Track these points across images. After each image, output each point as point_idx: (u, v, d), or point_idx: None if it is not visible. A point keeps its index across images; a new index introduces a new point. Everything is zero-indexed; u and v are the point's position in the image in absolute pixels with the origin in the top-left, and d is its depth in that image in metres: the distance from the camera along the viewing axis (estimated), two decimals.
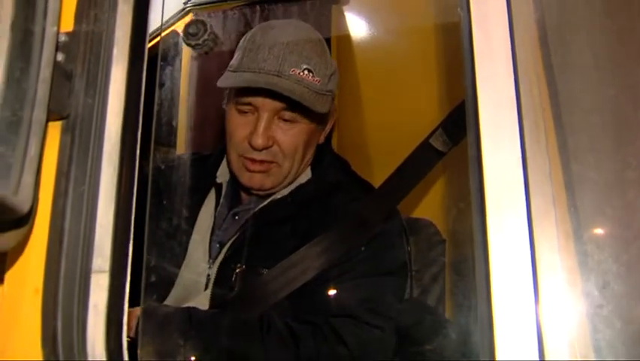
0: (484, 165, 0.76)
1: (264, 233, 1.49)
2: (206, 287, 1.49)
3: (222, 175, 1.63)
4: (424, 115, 2.01)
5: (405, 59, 2.33)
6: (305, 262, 1.40)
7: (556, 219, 0.73)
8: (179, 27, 2.89)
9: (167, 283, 1.53)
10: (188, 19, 2.87)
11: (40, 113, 0.77)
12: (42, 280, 0.80)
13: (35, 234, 0.81)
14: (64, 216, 0.82)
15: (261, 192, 1.54)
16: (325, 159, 1.61)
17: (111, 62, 0.87)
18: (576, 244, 0.73)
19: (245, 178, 1.52)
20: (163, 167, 1.65)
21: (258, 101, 1.47)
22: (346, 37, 2.62)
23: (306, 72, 1.46)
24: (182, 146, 2.25)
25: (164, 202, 1.54)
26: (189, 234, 1.56)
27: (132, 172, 0.86)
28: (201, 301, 1.46)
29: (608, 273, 0.72)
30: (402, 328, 1.45)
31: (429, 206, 2.06)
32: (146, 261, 0.92)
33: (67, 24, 0.88)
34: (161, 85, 0.93)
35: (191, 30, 0.94)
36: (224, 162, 1.64)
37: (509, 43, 0.78)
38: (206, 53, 1.01)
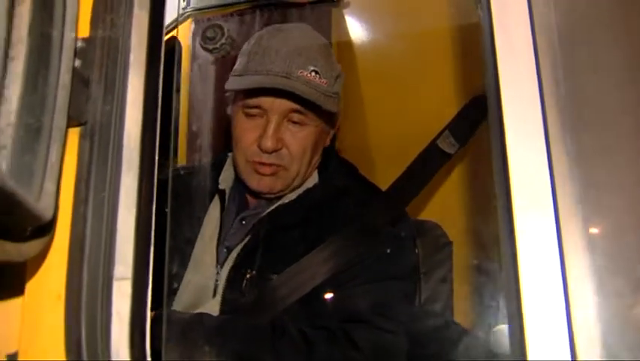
0: (509, 166, 0.76)
1: (272, 238, 1.49)
2: (215, 293, 1.48)
3: (225, 181, 1.63)
4: (426, 118, 2.01)
5: (406, 61, 2.32)
6: (313, 267, 1.40)
7: (584, 218, 0.72)
8: (180, 33, 2.91)
9: (172, 291, 1.52)
10: (187, 24, 2.87)
11: (60, 119, 0.77)
12: (64, 286, 0.80)
13: (56, 241, 0.81)
14: (85, 222, 0.81)
15: (270, 196, 1.54)
16: (332, 162, 1.61)
17: (128, 67, 0.87)
18: (605, 243, 0.73)
19: (254, 182, 1.52)
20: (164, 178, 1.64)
21: (267, 103, 1.46)
22: (346, 40, 2.62)
23: (313, 74, 1.46)
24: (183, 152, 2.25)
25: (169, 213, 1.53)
26: (193, 241, 1.56)
27: (151, 178, 0.86)
28: (211, 307, 1.45)
29: (638, 271, 0.72)
30: (413, 333, 1.45)
31: (434, 208, 2.05)
32: (168, 267, 0.91)
33: (84, 30, 0.87)
34: (177, 90, 0.91)
35: (209, 34, 0.94)
36: (226, 169, 1.65)
37: (531, 42, 0.78)
38: (223, 56, 1.00)
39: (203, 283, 1.50)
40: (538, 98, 0.77)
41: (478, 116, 1.58)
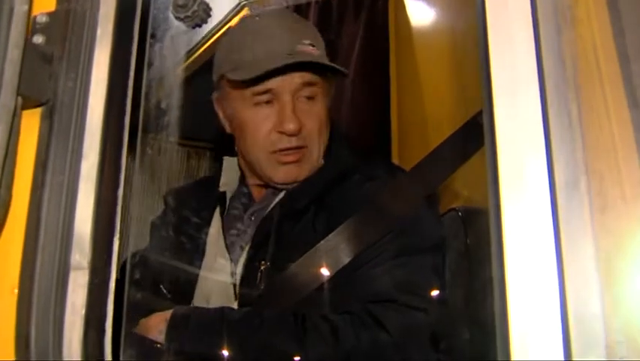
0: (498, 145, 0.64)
1: (283, 226, 1.42)
2: (234, 291, 1.43)
3: (227, 184, 1.60)
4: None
5: (465, 40, 2.18)
6: (332, 251, 1.32)
7: (583, 203, 0.60)
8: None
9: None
10: (243, 14, 2.84)
11: (7, 96, 0.72)
12: (18, 277, 0.74)
13: (11, 229, 0.76)
14: (40, 208, 0.76)
15: (290, 185, 1.47)
16: (335, 141, 1.52)
17: (94, 42, 0.81)
18: (608, 229, 0.60)
19: (280, 174, 1.45)
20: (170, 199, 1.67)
21: (276, 84, 1.41)
22: (405, 21, 2.51)
23: (310, 47, 1.43)
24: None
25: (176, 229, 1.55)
26: (201, 247, 1.53)
27: (117, 162, 0.79)
28: (230, 305, 1.40)
29: None
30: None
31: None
32: (130, 260, 0.84)
33: (49, 4, 0.82)
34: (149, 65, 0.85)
35: (179, 2, 0.86)
36: (224, 172, 1.62)
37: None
38: (198, 25, 0.92)
39: (223, 286, 1.46)
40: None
41: None
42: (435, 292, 1.32)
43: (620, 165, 0.62)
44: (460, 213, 1.76)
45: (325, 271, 1.31)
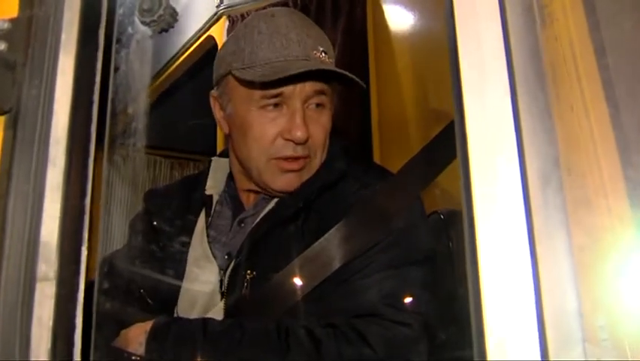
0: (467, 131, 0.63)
1: (271, 235, 1.38)
2: (222, 300, 1.40)
3: (213, 187, 1.56)
4: None
5: (444, 42, 2.18)
6: (319, 260, 1.29)
7: (557, 195, 0.59)
8: (214, 32, 2.88)
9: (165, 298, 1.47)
10: (222, 23, 2.84)
11: None
12: None
13: None
14: (5, 218, 0.74)
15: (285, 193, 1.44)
16: (330, 149, 1.49)
17: (59, 48, 0.79)
18: (584, 223, 0.59)
19: (281, 182, 1.41)
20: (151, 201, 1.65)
21: (289, 89, 1.36)
22: (383, 24, 2.52)
23: (323, 54, 1.39)
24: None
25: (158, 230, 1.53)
26: (184, 252, 1.49)
27: (84, 170, 0.77)
28: (215, 313, 1.37)
29: (624, 257, 0.57)
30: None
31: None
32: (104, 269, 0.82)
33: (11, 10, 0.80)
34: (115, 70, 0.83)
35: (145, 6, 0.84)
36: (212, 174, 1.58)
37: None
38: (165, 30, 0.90)
39: (209, 293, 1.42)
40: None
41: None
42: (422, 307, 1.30)
43: (600, 160, 0.61)
44: (442, 216, 1.75)
45: (311, 281, 1.28)
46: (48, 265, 0.73)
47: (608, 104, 0.65)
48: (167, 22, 0.88)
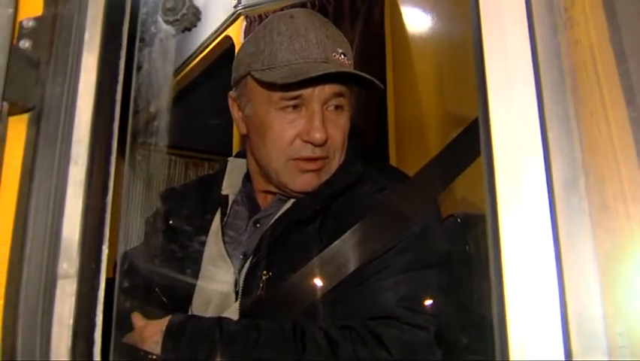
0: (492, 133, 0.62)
1: (288, 235, 1.38)
2: (236, 300, 1.39)
3: (230, 187, 1.56)
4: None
5: (461, 44, 2.17)
6: (335, 261, 1.28)
7: (582, 198, 0.58)
8: (232, 32, 2.88)
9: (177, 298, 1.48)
10: (239, 23, 2.84)
11: None
12: (4, 288, 0.72)
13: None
14: (27, 216, 0.74)
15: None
16: (347, 151, 1.48)
17: (82, 46, 0.79)
18: (606, 229, 0.58)
19: (299, 182, 1.41)
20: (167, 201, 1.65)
21: (309, 91, 1.36)
22: (400, 27, 2.51)
23: (342, 56, 1.39)
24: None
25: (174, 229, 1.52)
26: (199, 252, 1.49)
27: (106, 168, 0.77)
28: (231, 313, 1.37)
29: None
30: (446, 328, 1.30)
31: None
32: (120, 267, 0.82)
33: (36, 8, 0.80)
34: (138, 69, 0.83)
35: (168, 5, 0.84)
36: (229, 175, 1.58)
37: None
38: (188, 29, 0.90)
39: (224, 293, 1.42)
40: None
41: None
42: (438, 310, 1.29)
43: (620, 165, 0.61)
44: (459, 220, 1.74)
45: (328, 282, 1.28)
46: (69, 262, 0.73)
47: (628, 110, 0.64)
48: (190, 21, 0.88)
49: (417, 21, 2.51)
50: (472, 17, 0.71)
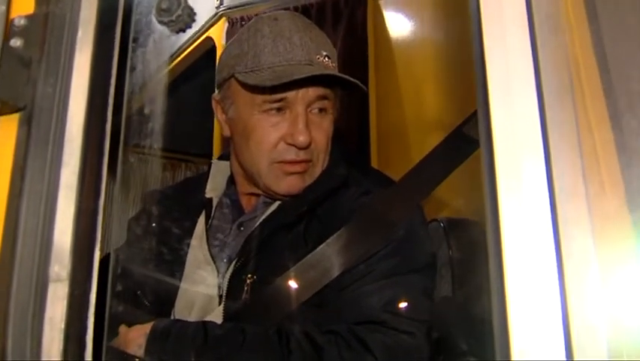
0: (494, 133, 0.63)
1: (272, 239, 1.37)
2: (220, 303, 1.38)
3: (213, 190, 1.55)
4: (463, 106, 1.87)
5: (443, 49, 2.19)
6: (325, 262, 1.28)
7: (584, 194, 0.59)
8: (213, 33, 2.87)
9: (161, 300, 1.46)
10: (221, 24, 2.83)
11: None
12: None
13: None
14: (18, 218, 0.73)
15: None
16: (331, 155, 1.48)
17: (75, 45, 0.78)
18: (607, 234, 0.59)
19: (283, 185, 1.40)
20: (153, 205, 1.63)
21: (291, 94, 1.36)
22: (383, 31, 2.52)
23: (326, 59, 1.39)
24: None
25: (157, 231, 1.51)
26: (183, 255, 1.48)
27: (98, 170, 0.76)
28: (214, 317, 1.36)
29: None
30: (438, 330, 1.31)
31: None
32: (113, 270, 0.81)
33: (28, 6, 0.79)
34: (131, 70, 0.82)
35: (163, 5, 0.84)
36: (213, 177, 1.58)
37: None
38: (182, 30, 0.89)
39: (207, 296, 1.41)
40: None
41: None
42: (424, 315, 1.29)
43: (620, 167, 0.61)
44: (442, 225, 1.75)
45: (312, 286, 1.27)
46: (61, 265, 0.72)
47: (610, 117, 0.65)
48: (185, 22, 0.87)
49: (399, 25, 2.52)
50: (472, 17, 0.72)
